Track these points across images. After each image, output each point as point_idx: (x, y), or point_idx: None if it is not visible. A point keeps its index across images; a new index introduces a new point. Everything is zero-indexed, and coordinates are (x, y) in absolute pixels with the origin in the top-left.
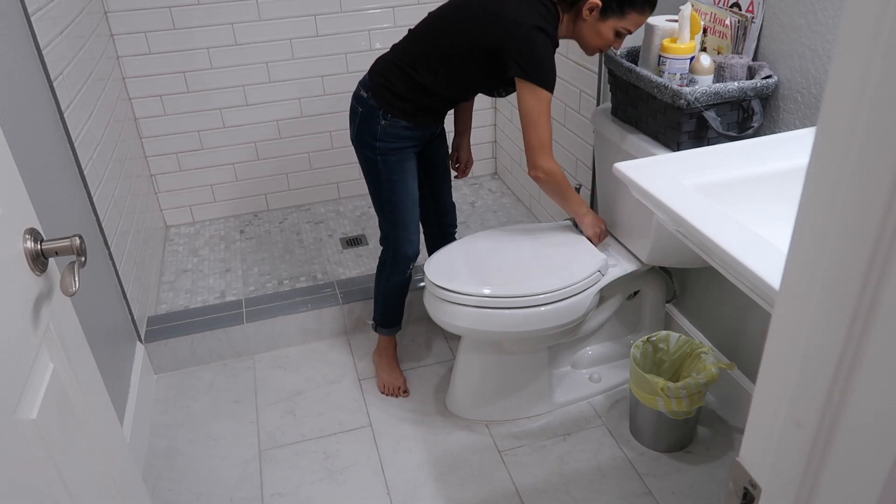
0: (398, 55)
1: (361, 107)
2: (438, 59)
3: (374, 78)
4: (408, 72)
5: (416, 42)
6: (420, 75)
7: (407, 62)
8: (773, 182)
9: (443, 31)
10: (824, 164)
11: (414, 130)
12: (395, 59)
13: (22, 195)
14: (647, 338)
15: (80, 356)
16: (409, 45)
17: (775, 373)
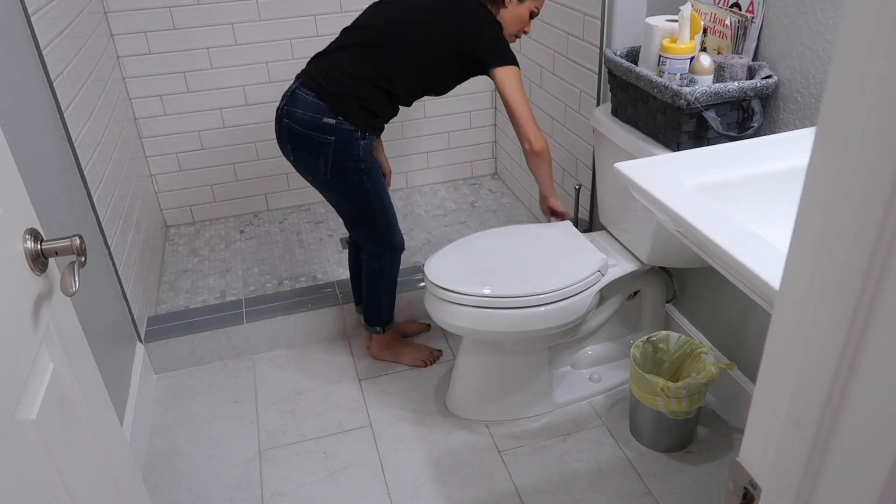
0: (370, 73)
1: (333, 135)
2: (416, 72)
3: (344, 100)
4: (385, 88)
5: (385, 57)
6: (396, 88)
7: (384, 79)
8: (773, 182)
9: (411, 41)
10: (824, 164)
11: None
12: (367, 78)
13: (22, 195)
14: (647, 338)
15: (80, 356)
16: (378, 60)
17: (775, 373)
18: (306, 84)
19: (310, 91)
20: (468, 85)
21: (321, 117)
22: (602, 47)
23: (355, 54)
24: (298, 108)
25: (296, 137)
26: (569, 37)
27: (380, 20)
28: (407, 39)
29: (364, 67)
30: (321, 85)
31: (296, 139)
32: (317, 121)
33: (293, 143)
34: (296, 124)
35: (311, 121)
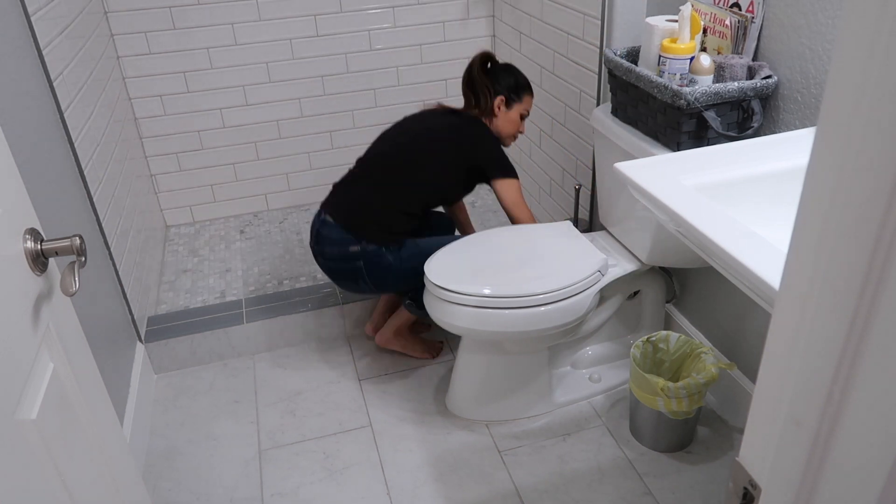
0: (389, 203)
1: (361, 258)
2: (429, 192)
3: (365, 228)
4: (403, 211)
5: (401, 187)
6: (412, 208)
7: (402, 205)
8: (773, 182)
9: (422, 168)
10: (824, 164)
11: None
12: (386, 208)
13: (22, 195)
14: (647, 338)
15: (80, 356)
16: (394, 191)
17: (775, 373)
18: (332, 216)
19: (336, 227)
20: None
21: (347, 247)
22: (602, 47)
23: (374, 188)
24: (327, 245)
25: (333, 270)
26: (569, 37)
27: (391, 152)
28: (420, 167)
29: (381, 201)
30: (346, 219)
31: (333, 271)
32: (344, 252)
33: (332, 274)
34: (329, 260)
35: (340, 253)
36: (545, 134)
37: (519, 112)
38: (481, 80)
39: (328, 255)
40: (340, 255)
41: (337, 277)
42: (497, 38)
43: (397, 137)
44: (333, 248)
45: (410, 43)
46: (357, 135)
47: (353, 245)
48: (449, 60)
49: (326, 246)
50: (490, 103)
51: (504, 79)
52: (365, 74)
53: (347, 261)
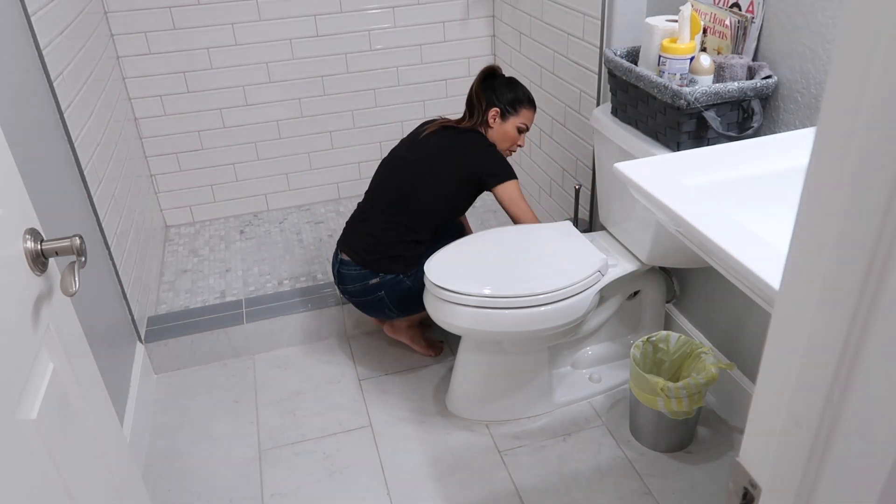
0: (399, 235)
1: (382, 288)
2: (433, 214)
3: (380, 262)
4: (413, 240)
5: (409, 218)
6: (421, 235)
7: (411, 233)
8: (773, 182)
9: (425, 189)
10: (824, 164)
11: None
12: (397, 240)
13: (22, 195)
14: (647, 338)
15: (80, 356)
16: (403, 222)
17: (775, 373)
18: (349, 255)
19: (353, 265)
20: (468, 84)
21: (367, 282)
22: (602, 47)
23: (382, 223)
24: (349, 282)
25: (359, 304)
26: (569, 37)
27: (392, 183)
28: (422, 191)
29: (393, 233)
30: (361, 256)
31: (360, 305)
32: (365, 286)
33: (360, 307)
34: (353, 296)
35: (362, 288)
36: (545, 134)
37: (515, 125)
38: (477, 93)
39: (352, 292)
40: (362, 289)
41: (365, 309)
42: (497, 38)
43: (397, 165)
44: (355, 285)
45: (410, 43)
46: (357, 135)
47: (372, 278)
48: (449, 60)
49: (348, 283)
50: (484, 115)
51: (502, 92)
52: (365, 74)
53: (370, 293)
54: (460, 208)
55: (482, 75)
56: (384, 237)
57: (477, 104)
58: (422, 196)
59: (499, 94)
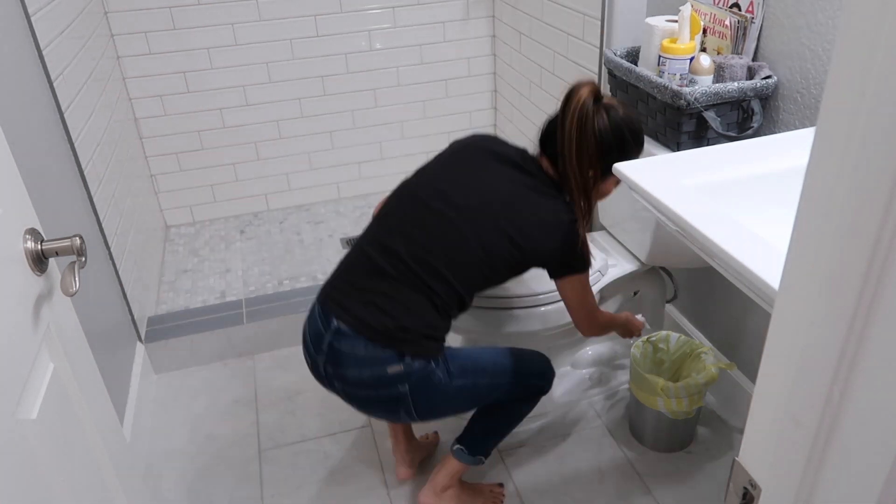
0: (432, 299)
1: (405, 382)
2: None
3: (406, 341)
4: (449, 308)
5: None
6: (459, 303)
7: (443, 301)
8: (773, 182)
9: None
10: (824, 164)
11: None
12: (427, 306)
13: (22, 195)
14: (647, 338)
15: (80, 356)
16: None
17: (775, 373)
18: (351, 325)
19: (359, 338)
20: (468, 84)
21: (385, 368)
22: (602, 47)
23: (413, 282)
24: (351, 366)
25: (359, 400)
26: (569, 37)
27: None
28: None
29: (426, 300)
30: (374, 329)
31: (360, 401)
32: (381, 374)
33: (358, 404)
34: (354, 386)
35: (373, 377)
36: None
37: (615, 182)
38: (581, 142)
39: (353, 381)
40: (374, 379)
41: (366, 407)
42: (497, 38)
43: (441, 212)
44: (363, 371)
45: (410, 43)
46: (357, 135)
47: (394, 364)
48: (449, 60)
49: (350, 368)
50: (581, 177)
51: (612, 138)
52: (365, 74)
53: (385, 386)
54: (500, 280)
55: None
56: (416, 297)
57: (578, 158)
58: (471, 258)
59: (606, 143)
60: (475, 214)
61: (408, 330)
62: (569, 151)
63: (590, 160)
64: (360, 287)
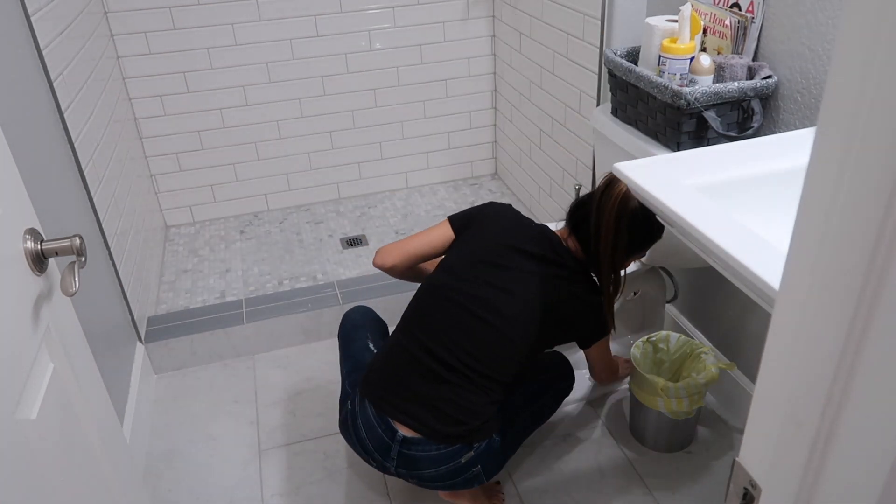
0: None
1: (477, 463)
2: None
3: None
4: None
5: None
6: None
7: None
8: (773, 182)
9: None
10: (824, 164)
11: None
12: (489, 399)
13: (22, 195)
14: (647, 338)
15: (80, 356)
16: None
17: (775, 373)
18: (419, 432)
19: (431, 445)
20: (468, 84)
21: (458, 460)
22: (602, 47)
23: (468, 382)
24: (427, 467)
25: (434, 487)
26: (569, 37)
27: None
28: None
29: (484, 395)
30: (441, 433)
31: (435, 487)
32: (455, 467)
33: (440, 488)
34: (431, 482)
35: (448, 471)
36: (545, 134)
37: (636, 258)
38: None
39: (430, 477)
40: (450, 472)
41: (449, 488)
42: (497, 38)
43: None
44: (439, 468)
45: (410, 43)
46: (357, 135)
47: (465, 453)
48: (449, 60)
49: (426, 468)
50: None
51: (637, 231)
52: (365, 74)
53: (461, 473)
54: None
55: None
56: (476, 398)
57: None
58: (518, 359)
59: (633, 236)
60: (520, 322)
61: (477, 429)
62: (605, 236)
63: (623, 244)
64: (416, 391)
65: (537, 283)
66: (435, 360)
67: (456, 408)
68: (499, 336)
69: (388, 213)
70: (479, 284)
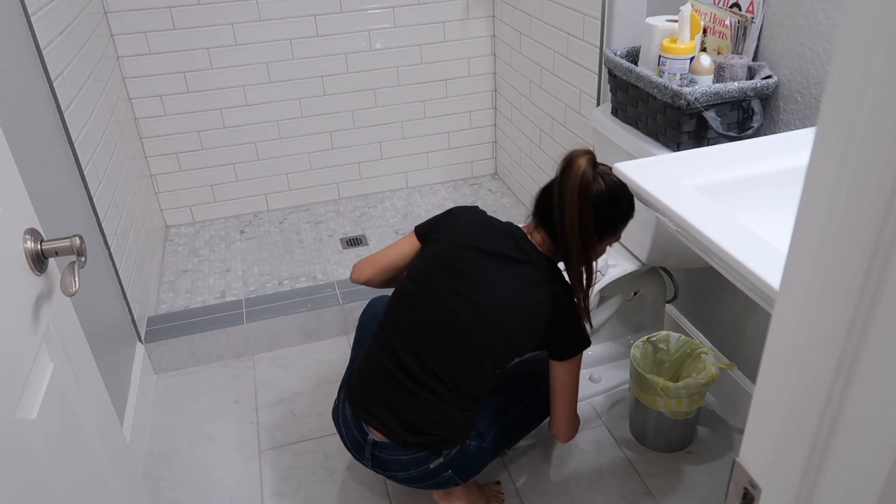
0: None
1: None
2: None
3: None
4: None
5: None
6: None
7: (468, 398)
8: (773, 182)
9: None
10: (824, 164)
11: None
12: (458, 408)
13: (22, 195)
14: (647, 338)
15: (80, 356)
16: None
17: (775, 373)
18: (388, 437)
19: (400, 451)
20: (468, 84)
21: (427, 465)
22: (602, 47)
23: (437, 391)
24: (397, 470)
25: (413, 486)
26: (569, 37)
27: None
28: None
29: (453, 403)
30: (409, 438)
31: (415, 487)
32: (425, 472)
33: (414, 486)
34: (404, 482)
35: (419, 474)
36: (545, 134)
37: (607, 244)
38: (583, 210)
39: (402, 479)
40: (421, 475)
41: (421, 488)
42: (497, 38)
43: (449, 319)
44: (409, 472)
45: (410, 43)
46: (357, 135)
47: (434, 459)
48: (449, 60)
49: (397, 471)
50: (585, 245)
51: (610, 204)
52: (365, 74)
53: (432, 477)
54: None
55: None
56: (442, 410)
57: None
58: (485, 370)
59: (602, 215)
60: (486, 331)
61: (444, 439)
62: (570, 220)
63: (590, 226)
64: (387, 400)
65: (501, 286)
66: (403, 370)
67: (422, 419)
68: (464, 347)
69: (388, 213)
70: (442, 293)
